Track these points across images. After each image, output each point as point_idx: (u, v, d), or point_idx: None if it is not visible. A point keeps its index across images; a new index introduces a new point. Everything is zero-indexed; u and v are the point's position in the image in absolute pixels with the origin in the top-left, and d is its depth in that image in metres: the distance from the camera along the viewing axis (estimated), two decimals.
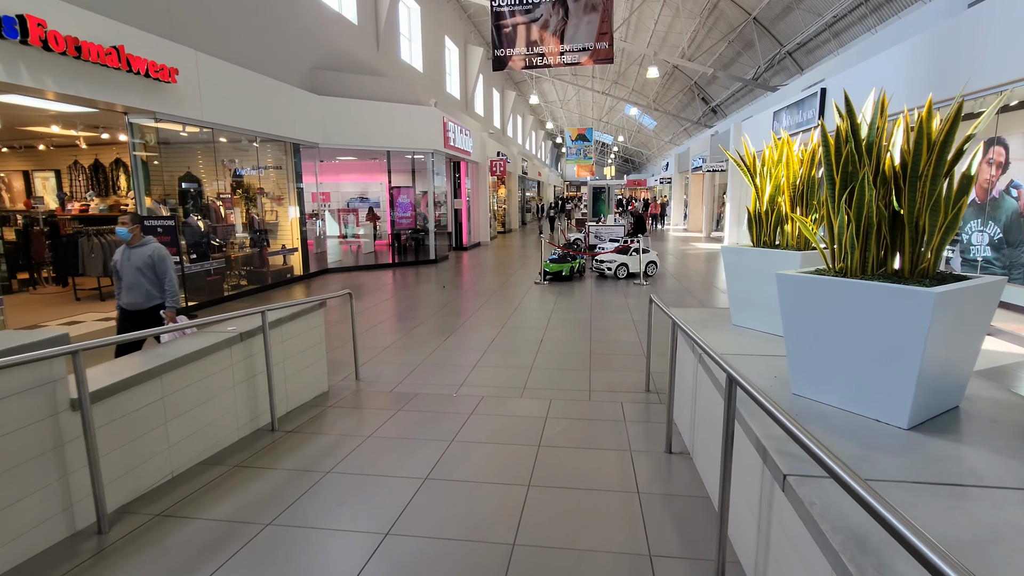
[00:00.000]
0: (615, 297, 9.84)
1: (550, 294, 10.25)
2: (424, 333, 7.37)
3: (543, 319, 8.14)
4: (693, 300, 9.45)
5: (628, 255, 12.09)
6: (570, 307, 9.01)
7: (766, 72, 22.54)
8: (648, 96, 39.41)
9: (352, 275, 13.14)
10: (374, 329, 7.60)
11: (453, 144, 16.45)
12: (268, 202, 12.08)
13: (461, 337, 7.12)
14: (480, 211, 20.95)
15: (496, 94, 33.35)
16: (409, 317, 8.39)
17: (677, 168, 30.84)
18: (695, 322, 4.26)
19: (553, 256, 12.32)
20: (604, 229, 16.80)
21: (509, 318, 8.20)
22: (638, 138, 58.52)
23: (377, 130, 13.82)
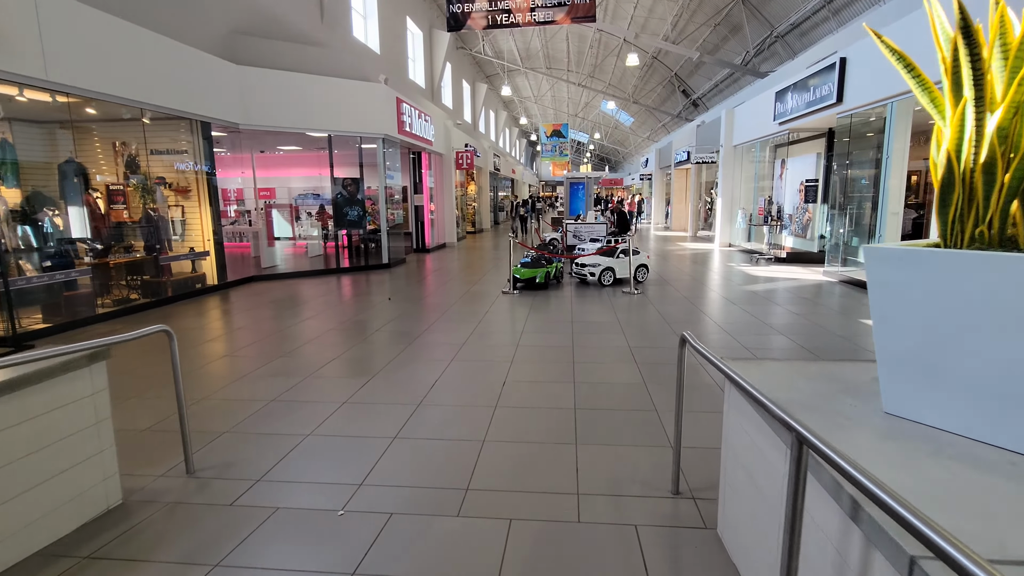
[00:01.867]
0: (603, 312, 7.79)
1: (520, 308, 8.16)
2: (334, 375, 5.18)
3: (508, 347, 6.03)
4: (709, 321, 7.44)
5: (614, 257, 10.09)
6: (545, 327, 6.92)
7: (755, 58, 20.88)
8: (626, 90, 37.73)
9: (284, 284, 10.84)
10: (262, 370, 5.38)
11: (410, 130, 14.25)
12: (172, 195, 9.72)
13: (387, 383, 4.95)
14: (445, 209, 18.77)
15: (467, 86, 31.21)
16: (324, 347, 6.19)
17: (658, 164, 29.11)
18: (780, 392, 2.19)
19: (525, 260, 10.24)
20: (584, 228, 14.81)
21: (462, 347, 6.07)
22: (615, 135, 56.99)
23: (313, 110, 11.55)
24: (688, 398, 4.30)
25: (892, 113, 8.41)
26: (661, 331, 6.56)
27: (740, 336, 6.26)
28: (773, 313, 7.47)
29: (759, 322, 6.94)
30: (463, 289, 9.88)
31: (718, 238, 17.16)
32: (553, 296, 9.10)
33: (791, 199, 13.71)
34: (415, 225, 16.96)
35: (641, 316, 7.42)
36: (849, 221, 10.45)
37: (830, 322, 6.91)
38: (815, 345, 5.86)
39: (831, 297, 8.59)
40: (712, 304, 8.17)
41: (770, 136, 13.65)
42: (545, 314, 7.65)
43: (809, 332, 6.40)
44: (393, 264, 13.44)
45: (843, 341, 6.00)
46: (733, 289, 9.42)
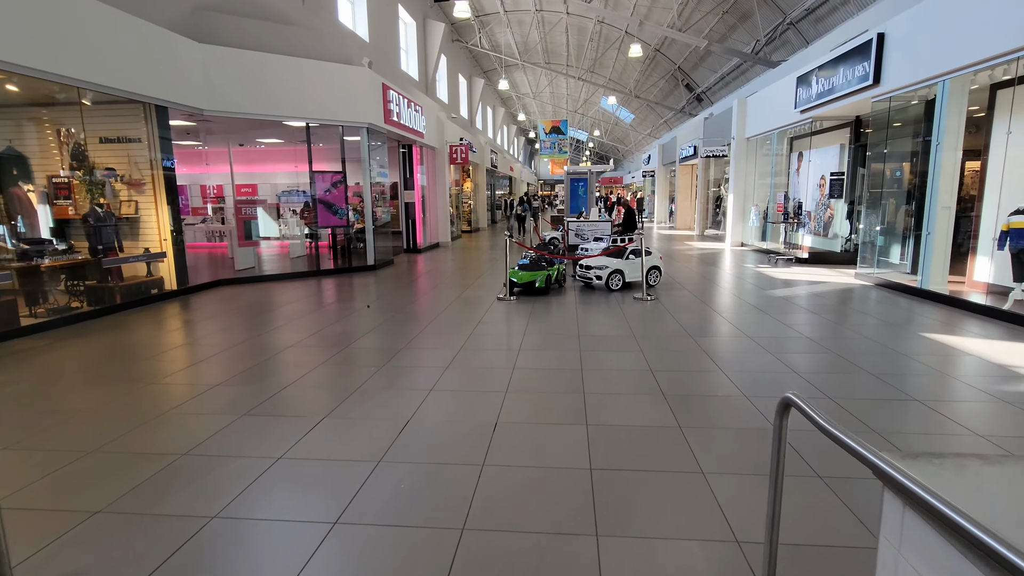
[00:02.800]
0: (613, 323, 6.69)
1: (518, 318, 7.06)
2: (274, 413, 4.08)
3: (502, 371, 4.93)
4: (743, 337, 6.34)
5: (623, 258, 8.99)
6: (547, 343, 5.82)
7: (766, 46, 19.80)
8: (627, 84, 36.64)
9: (257, 288, 9.72)
10: (185, 406, 4.28)
11: (398, 120, 13.14)
12: (124, 189, 8.61)
13: (340, 428, 3.85)
14: (438, 206, 17.66)
15: (463, 81, 30.12)
16: (275, 371, 5.08)
17: (661, 160, 28.03)
18: None
19: (523, 261, 9.14)
20: (587, 226, 13.71)
21: (445, 371, 4.96)
22: (615, 132, 55.91)
23: (288, 95, 10.43)
24: (723, 443, 3.21)
25: (944, 93, 7.33)
26: (687, 349, 5.46)
27: (788, 358, 5.17)
28: (814, 325, 6.37)
29: (803, 338, 5.85)
30: (453, 295, 8.78)
31: (729, 237, 16.07)
32: (555, 303, 8.01)
33: (809, 195, 12.62)
34: (405, 224, 15.85)
35: (660, 328, 6.32)
36: (884, 218, 9.36)
37: (889, 338, 5.82)
38: (888, 371, 4.77)
39: (872, 304, 7.50)
40: (739, 313, 7.07)
41: (790, 126, 12.56)
42: (546, 325, 6.55)
43: (872, 353, 5.31)
44: (380, 266, 12.34)
45: (925, 369, 4.91)
46: (758, 294, 8.33)
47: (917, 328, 6.16)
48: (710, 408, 3.92)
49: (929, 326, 6.25)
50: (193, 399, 4.24)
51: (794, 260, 12.14)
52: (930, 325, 6.31)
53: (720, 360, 5.04)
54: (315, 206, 11.46)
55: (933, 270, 7.64)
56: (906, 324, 6.37)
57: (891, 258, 9.32)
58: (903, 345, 5.48)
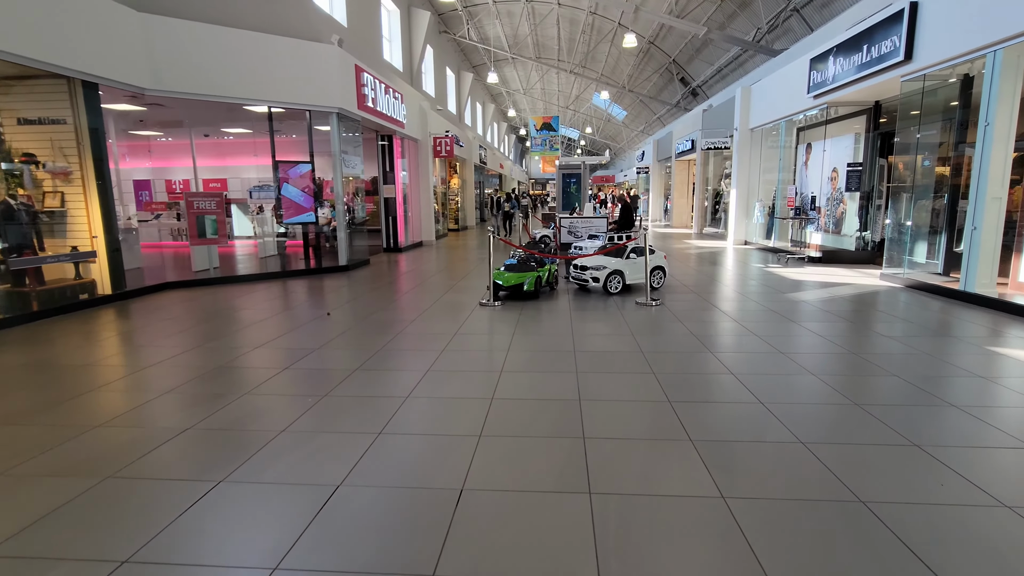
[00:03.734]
0: (616, 335, 5.62)
1: (502, 328, 5.97)
2: (173, 460, 2.96)
3: (477, 403, 3.84)
4: (780, 356, 5.30)
5: (623, 258, 7.93)
6: (535, 362, 4.74)
7: (768, 34, 18.85)
8: (620, 79, 35.67)
9: (210, 292, 8.55)
10: (61, 450, 3.16)
11: (374, 107, 12.00)
12: (48, 178, 7.43)
13: (247, 492, 2.74)
14: (421, 202, 16.52)
15: (451, 74, 29.00)
16: (193, 399, 3.96)
17: (656, 156, 27.06)
18: None
19: (510, 261, 8.07)
20: (581, 223, 12.65)
21: (404, 402, 3.86)
22: (607, 130, 54.97)
23: (248, 75, 9.27)
24: (790, 525, 2.14)
25: (995, 65, 6.34)
26: (710, 370, 4.40)
27: (839, 382, 4.12)
28: (856, 338, 5.34)
29: (847, 353, 4.81)
30: (431, 299, 7.68)
31: (732, 235, 15.08)
32: (546, 309, 6.93)
33: (817, 188, 11.64)
34: (385, 221, 14.71)
35: (672, 342, 5.26)
36: (915, 213, 8.38)
37: (953, 354, 4.79)
38: (978, 403, 3.73)
39: (912, 310, 6.49)
40: (762, 322, 6.02)
41: (802, 113, 11.57)
42: (536, 338, 5.47)
43: (945, 376, 4.28)
44: (354, 266, 11.20)
45: (1018, 398, 3.88)
46: (776, 299, 7.30)
47: (982, 341, 5.14)
48: (759, 463, 2.85)
49: (997, 339, 5.24)
50: (73, 440, 3.11)
51: (806, 259, 11.15)
52: (997, 338, 5.29)
53: (755, 386, 3.98)
54: (279, 200, 10.30)
55: (980, 270, 6.64)
56: (957, 335, 5.35)
57: (924, 257, 8.34)
58: (969, 362, 4.46)
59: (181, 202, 13.16)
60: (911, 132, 8.27)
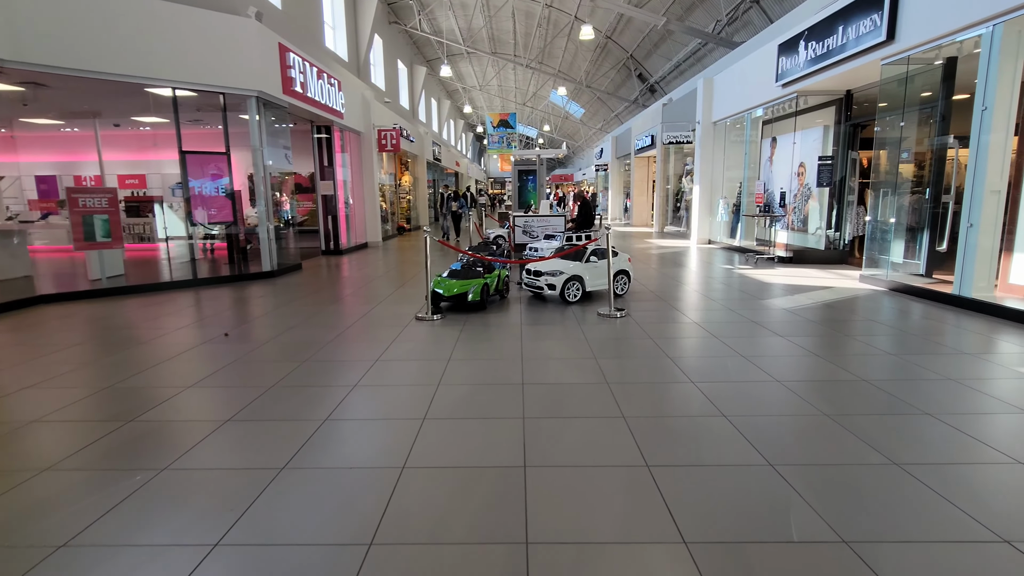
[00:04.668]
0: (578, 362, 4.59)
1: (435, 352, 4.86)
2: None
3: (380, 483, 2.72)
4: (779, 389, 4.36)
5: (582, 261, 6.94)
6: (473, 400, 3.66)
7: (728, 26, 18.34)
8: (577, 74, 34.98)
9: (96, 306, 7.08)
10: None
11: (304, 92, 10.66)
12: None
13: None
14: (366, 200, 15.19)
15: (402, 67, 27.62)
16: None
17: (615, 153, 26.42)
18: None
19: (455, 266, 6.97)
20: (537, 221, 11.66)
21: (271, 483, 2.70)
22: (565, 127, 54.42)
23: (142, 48, 7.83)
24: None
25: (992, 42, 5.64)
26: (696, 410, 3.42)
27: (858, 425, 3.20)
28: (861, 359, 4.48)
29: (858, 380, 3.92)
30: (359, 312, 6.49)
31: (695, 234, 14.39)
32: (493, 324, 5.85)
33: (783, 184, 10.99)
34: (323, 220, 13.33)
35: (644, 369, 4.27)
36: (894, 208, 7.72)
37: (982, 380, 3.97)
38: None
39: (903, 318, 5.74)
40: (747, 339, 5.12)
41: (770, 104, 10.88)
42: (476, 366, 4.38)
43: (977, 409, 3.42)
44: (282, 272, 9.85)
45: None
46: (756, 307, 6.45)
47: (978, 354, 4.36)
48: (773, 564, 1.86)
49: (981, 346, 4.47)
50: None
51: (776, 260, 10.47)
52: (981, 345, 4.53)
53: (756, 435, 3.02)
54: (188, 198, 8.88)
55: (978, 272, 5.95)
56: (963, 347, 4.57)
57: (905, 257, 7.69)
58: (1004, 391, 3.64)
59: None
60: (891, 122, 7.61)
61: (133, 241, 13.90)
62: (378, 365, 4.41)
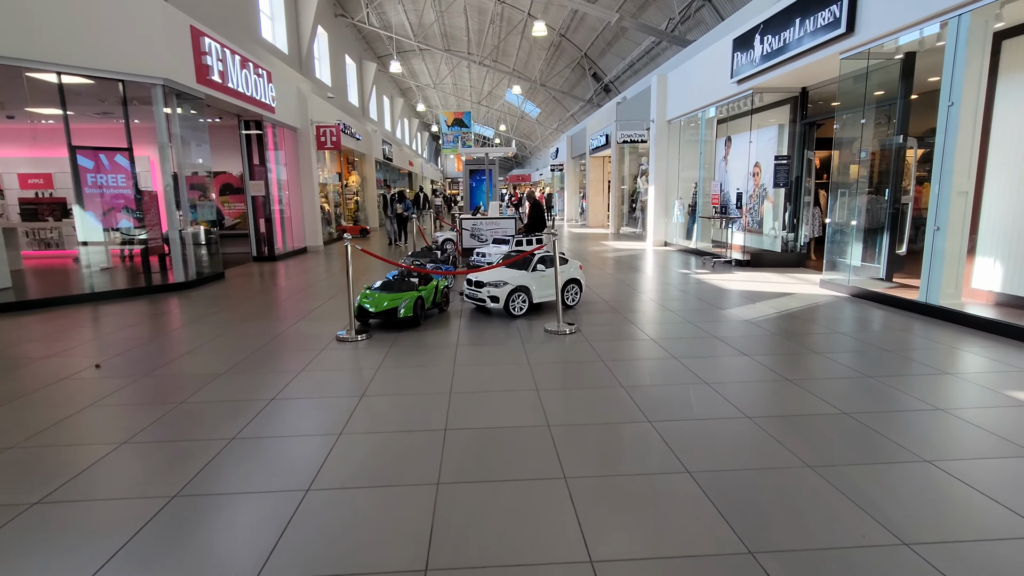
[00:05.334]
0: (516, 395, 3.90)
1: (349, 385, 4.07)
2: None
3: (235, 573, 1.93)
4: (764, 438, 3.74)
5: (528, 270, 6.26)
6: (377, 466, 2.90)
7: (681, 24, 18.11)
8: (532, 73, 34.48)
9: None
10: None
11: (223, 82, 9.60)
12: None
13: None
14: (304, 202, 14.13)
15: (351, 63, 26.43)
16: None
17: (570, 153, 26.01)
18: None
19: (391, 276, 6.19)
20: (486, 224, 10.97)
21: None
22: (521, 127, 53.96)
23: (19, 24, 6.69)
24: None
25: (959, 33, 5.28)
26: (657, 465, 2.77)
27: (869, 494, 2.62)
28: (836, 384, 3.96)
29: (851, 421, 3.38)
30: (274, 331, 5.63)
31: (651, 236, 13.99)
32: (425, 345, 5.10)
33: (739, 185, 10.67)
34: (254, 224, 12.23)
35: (594, 404, 3.61)
36: (853, 210, 7.39)
37: (960, 402, 3.49)
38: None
39: (872, 331, 5.31)
40: (711, 361, 4.55)
41: (724, 101, 10.51)
42: (394, 404, 3.63)
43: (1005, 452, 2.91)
44: (201, 282, 8.80)
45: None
46: (716, 319, 5.93)
47: (995, 381, 3.92)
48: None
49: (1007, 376, 4.05)
50: None
51: (733, 263, 10.10)
52: (1007, 374, 4.11)
53: (732, 505, 2.39)
54: (80, 198, 7.75)
55: (945, 278, 5.59)
56: (970, 374, 4.13)
57: (865, 260, 7.37)
58: (1005, 425, 3.16)
59: None
60: (850, 120, 7.26)
61: (38, 248, 12.48)
62: (272, 407, 3.59)
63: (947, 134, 5.44)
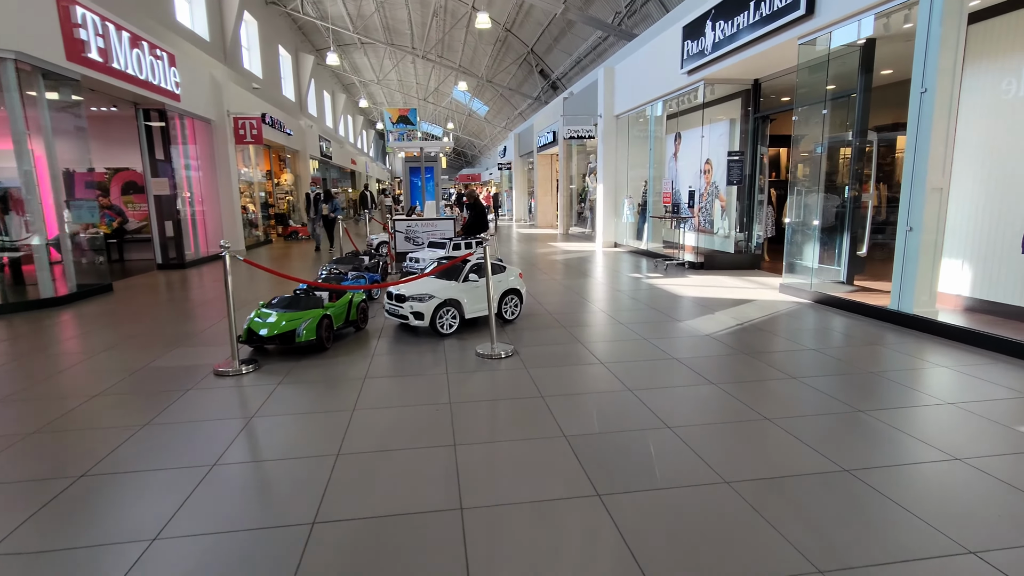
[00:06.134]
0: (427, 457, 2.99)
1: (202, 447, 3.04)
2: None
3: None
4: (743, 509, 2.86)
5: (459, 280, 5.35)
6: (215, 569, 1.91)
7: (627, 19, 17.62)
8: (479, 69, 33.54)
9: None
10: None
11: (106, 62, 8.20)
12: None
13: None
14: (221, 202, 12.70)
15: (285, 55, 24.74)
16: None
17: (518, 151, 25.26)
18: None
19: (301, 288, 5.15)
20: (422, 226, 10.00)
21: None
22: (470, 126, 52.92)
23: None
24: None
25: (932, 10, 4.73)
26: (607, 573, 1.91)
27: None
28: (824, 424, 3.25)
29: (859, 485, 2.63)
30: (139, 362, 4.49)
31: (600, 237, 13.34)
32: (327, 376, 4.11)
33: (690, 183, 10.12)
34: (158, 227, 10.76)
35: (526, 468, 2.74)
36: (812, 209, 6.87)
37: (977, 448, 2.83)
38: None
39: (847, 347, 4.70)
40: (672, 393, 3.78)
41: (674, 93, 9.92)
42: (255, 476, 2.64)
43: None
44: (81, 296, 7.42)
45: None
46: (673, 333, 5.20)
47: (1000, 413, 3.30)
48: None
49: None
50: None
51: (686, 265, 9.52)
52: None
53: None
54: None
55: (919, 284, 5.05)
56: (976, 402, 3.51)
57: (827, 263, 6.86)
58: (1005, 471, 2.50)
59: None
60: (806, 112, 6.72)
61: None
62: (80, 484, 2.54)
63: (920, 124, 4.90)
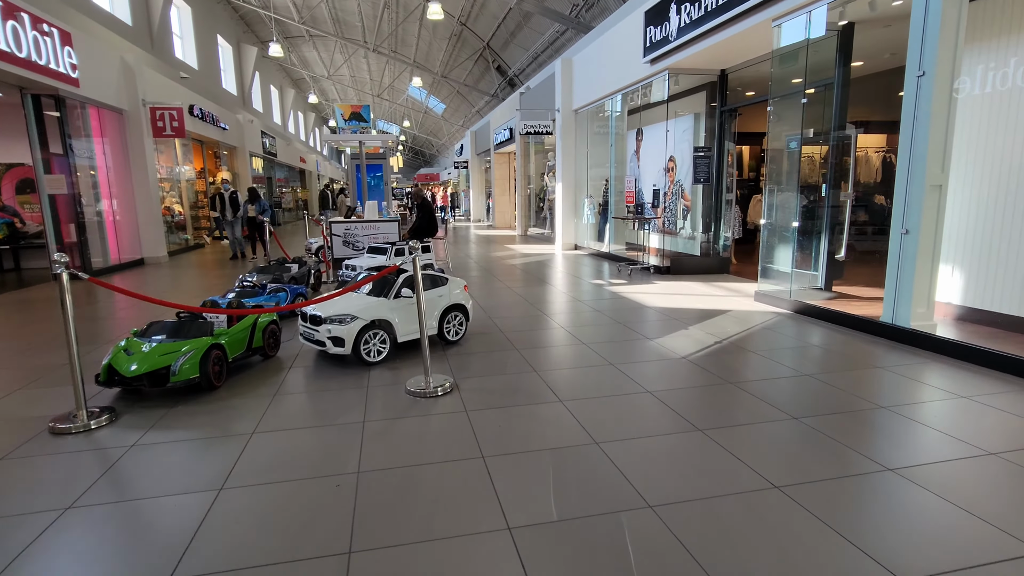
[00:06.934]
0: (311, 569, 2.05)
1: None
2: None
3: None
4: None
5: (390, 296, 4.43)
6: None
7: (586, 12, 16.98)
8: (434, 65, 32.43)
9: None
10: None
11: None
12: None
13: None
14: (138, 203, 11.32)
15: (225, 45, 23.09)
16: None
17: (475, 149, 24.37)
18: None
19: (183, 316, 4.13)
20: (363, 229, 9.00)
21: None
22: (427, 124, 51.58)
23: None
24: None
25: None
26: None
27: None
28: (840, 490, 2.51)
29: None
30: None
31: (560, 238, 12.61)
32: (205, 426, 3.14)
33: (653, 181, 9.49)
34: (55, 231, 9.37)
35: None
36: (786, 209, 6.27)
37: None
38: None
39: (844, 369, 4.05)
40: (649, 445, 2.99)
41: (636, 84, 9.24)
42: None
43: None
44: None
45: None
46: (644, 355, 4.45)
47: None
48: None
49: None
50: None
51: (651, 270, 8.86)
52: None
53: None
54: None
55: (916, 294, 4.45)
56: (1014, 451, 2.85)
57: (803, 267, 6.28)
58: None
59: None
60: (790, 99, 6.11)
61: None
62: None
63: (917, 113, 4.29)
